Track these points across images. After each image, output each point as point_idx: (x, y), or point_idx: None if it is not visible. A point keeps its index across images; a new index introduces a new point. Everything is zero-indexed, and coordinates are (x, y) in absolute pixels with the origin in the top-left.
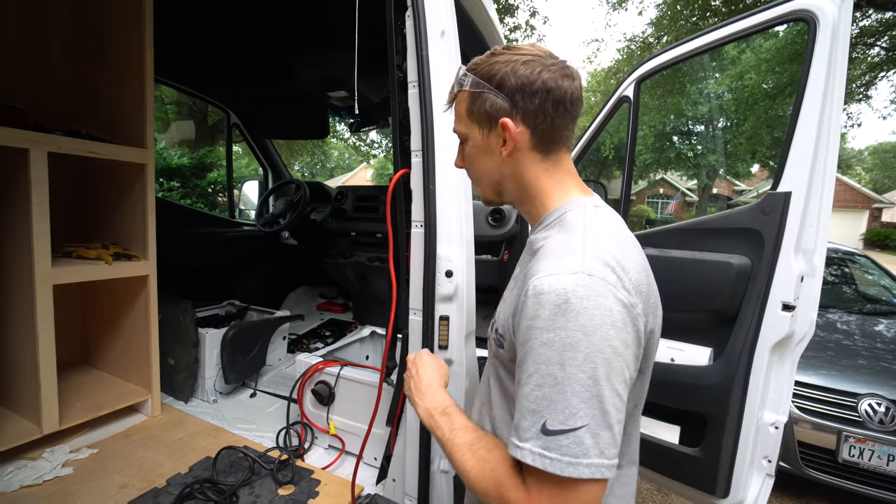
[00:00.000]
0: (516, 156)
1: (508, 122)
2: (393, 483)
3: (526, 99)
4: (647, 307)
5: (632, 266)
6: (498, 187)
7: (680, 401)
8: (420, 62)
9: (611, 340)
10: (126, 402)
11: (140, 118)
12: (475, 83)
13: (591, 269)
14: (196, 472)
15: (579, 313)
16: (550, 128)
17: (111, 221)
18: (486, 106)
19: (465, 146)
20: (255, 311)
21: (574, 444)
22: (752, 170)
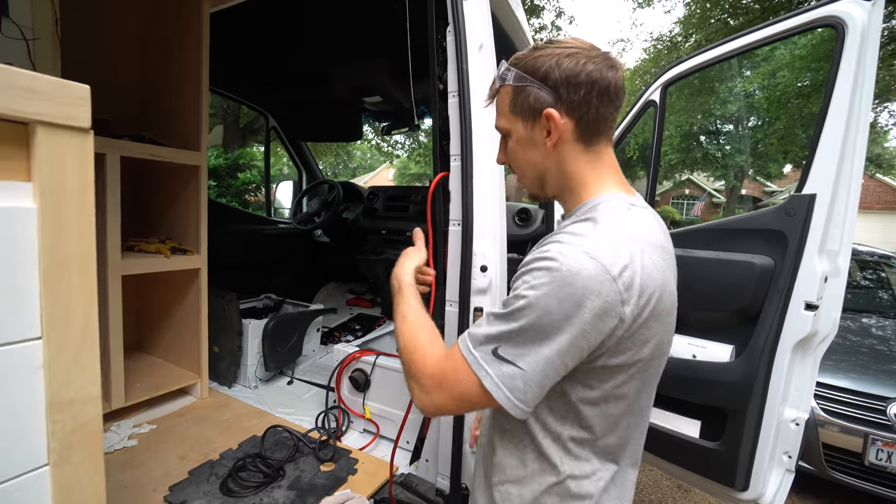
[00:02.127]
0: (560, 147)
1: (554, 113)
2: (426, 463)
3: (571, 90)
4: (644, 314)
5: (646, 270)
6: (541, 180)
7: (701, 396)
8: (460, 74)
9: (581, 322)
10: (179, 384)
11: (196, 125)
12: (518, 77)
13: (596, 254)
14: (245, 448)
15: (564, 282)
16: (595, 119)
17: (167, 218)
18: (531, 99)
19: (508, 141)
20: (290, 304)
21: (507, 374)
22: (785, 170)
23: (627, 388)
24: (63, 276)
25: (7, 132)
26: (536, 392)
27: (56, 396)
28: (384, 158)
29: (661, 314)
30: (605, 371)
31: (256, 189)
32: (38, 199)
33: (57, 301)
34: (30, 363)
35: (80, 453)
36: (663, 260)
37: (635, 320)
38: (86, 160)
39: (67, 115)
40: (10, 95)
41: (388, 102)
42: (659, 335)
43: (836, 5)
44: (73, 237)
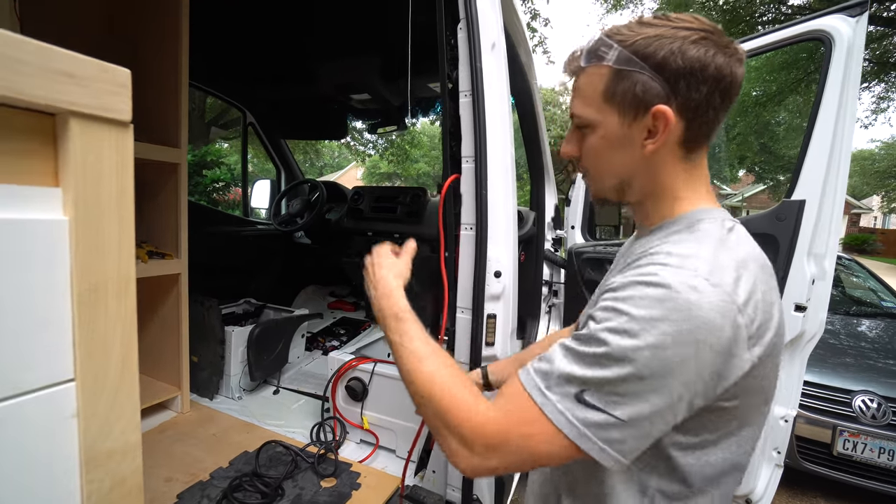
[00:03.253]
0: (659, 151)
1: (667, 111)
2: (433, 475)
3: (692, 86)
4: (768, 352)
5: (766, 299)
6: (623, 186)
7: None
8: (474, 73)
9: (701, 362)
10: (157, 398)
11: (174, 118)
12: (625, 58)
13: (718, 279)
14: (237, 466)
15: (682, 315)
16: (709, 122)
17: (143, 220)
18: (637, 89)
19: (589, 134)
20: (271, 309)
21: (599, 425)
22: (739, 174)
23: (730, 433)
24: (99, 303)
25: (30, 125)
26: (637, 444)
27: (92, 449)
28: (353, 157)
29: (779, 351)
30: (713, 414)
31: (225, 188)
32: (69, 208)
33: (93, 335)
34: (62, 411)
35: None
36: (773, 281)
37: (760, 360)
38: (126, 160)
39: (106, 105)
40: (45, 80)
41: (377, 100)
42: (773, 373)
43: (823, 20)
44: (112, 256)
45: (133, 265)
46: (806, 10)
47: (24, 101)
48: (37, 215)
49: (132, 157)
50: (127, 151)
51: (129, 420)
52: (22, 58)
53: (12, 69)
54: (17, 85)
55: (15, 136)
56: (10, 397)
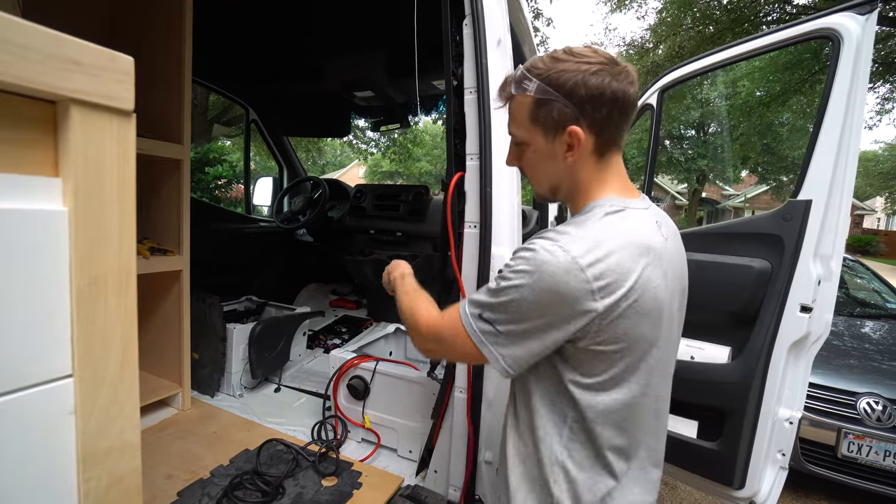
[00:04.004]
0: (578, 160)
1: (578, 130)
2: (435, 474)
3: (595, 108)
4: (621, 306)
5: (623, 266)
6: (555, 189)
7: (700, 397)
8: (479, 69)
9: (549, 301)
10: (158, 395)
11: (177, 115)
12: (541, 90)
13: (569, 248)
14: (238, 464)
15: (536, 267)
16: (613, 133)
17: (145, 216)
18: (554, 114)
19: (524, 149)
20: (273, 306)
21: (487, 332)
22: (742, 175)
23: (619, 382)
24: (99, 297)
25: (31, 113)
26: (518, 356)
27: (91, 447)
28: (355, 155)
29: (647, 311)
30: (591, 356)
31: (227, 185)
32: (69, 199)
33: (92, 329)
34: (60, 407)
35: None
36: (641, 259)
37: (610, 311)
38: (127, 151)
39: (109, 93)
40: (51, 68)
41: (380, 98)
42: (648, 332)
43: (831, 18)
44: (113, 248)
45: (134, 259)
46: (811, 9)
47: (29, 89)
48: (36, 205)
49: (134, 147)
50: (129, 142)
51: (128, 418)
52: (29, 44)
53: (18, 55)
54: (23, 71)
55: (16, 124)
56: (8, 392)
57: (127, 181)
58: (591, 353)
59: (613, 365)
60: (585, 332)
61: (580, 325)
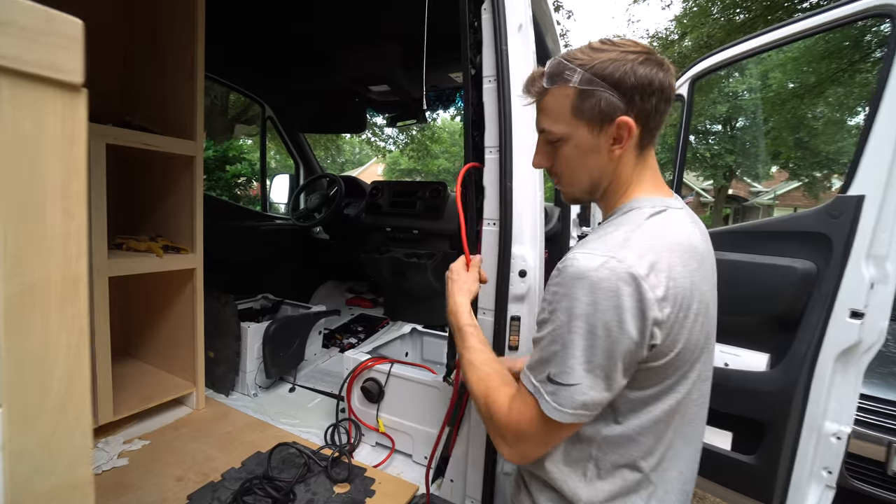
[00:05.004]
0: (623, 154)
1: (631, 122)
2: (451, 484)
3: (644, 99)
4: (678, 316)
5: (674, 272)
6: (594, 187)
7: (734, 406)
8: (499, 56)
9: (613, 322)
10: (172, 394)
11: (190, 111)
12: (587, 80)
13: (623, 257)
14: (249, 468)
15: (594, 289)
16: (657, 125)
17: (157, 214)
18: (602, 104)
19: (561, 146)
20: (288, 305)
21: (565, 395)
22: (771, 171)
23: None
24: (35, 310)
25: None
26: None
27: (25, 489)
28: (373, 153)
29: (701, 316)
30: (649, 372)
31: (247, 183)
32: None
33: (23, 351)
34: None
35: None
36: (691, 263)
37: (671, 321)
38: (76, 132)
39: (49, 62)
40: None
41: (396, 92)
42: (702, 337)
43: None
44: (56, 252)
45: (85, 264)
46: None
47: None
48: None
49: (85, 129)
50: (78, 122)
51: (77, 451)
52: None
53: None
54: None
55: None
56: None
57: (75, 170)
58: (650, 370)
59: (667, 377)
60: (652, 347)
61: (650, 341)
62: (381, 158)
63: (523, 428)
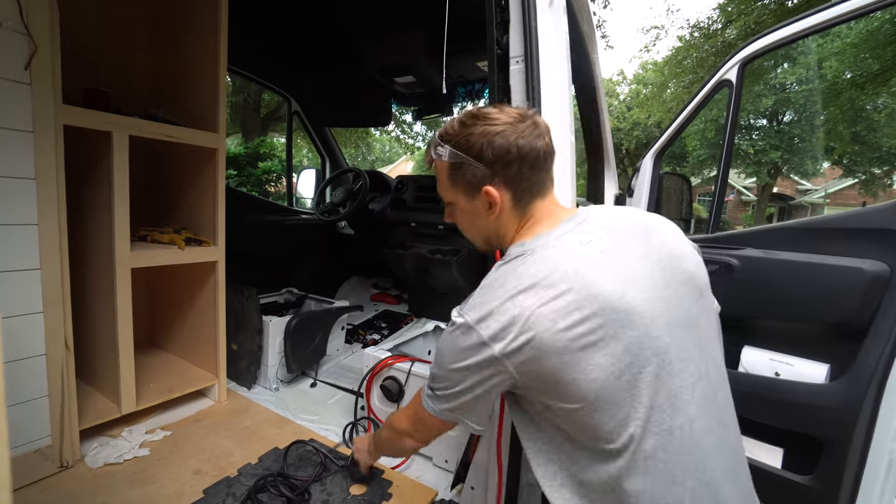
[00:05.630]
0: (501, 214)
1: (492, 190)
2: (472, 491)
3: (505, 167)
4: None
5: (505, 309)
6: (487, 241)
7: (786, 420)
8: (528, 35)
9: (457, 368)
10: (195, 386)
11: (213, 103)
12: (453, 154)
13: (470, 316)
14: (265, 464)
15: (447, 339)
16: (528, 186)
17: (181, 206)
18: (469, 176)
19: (453, 209)
20: (313, 299)
21: (432, 399)
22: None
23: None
24: None
25: None
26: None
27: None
28: (403, 151)
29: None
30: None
31: (277, 179)
32: None
33: None
34: None
35: None
36: (540, 291)
37: (510, 354)
38: None
39: None
40: None
41: (421, 83)
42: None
43: None
44: None
45: None
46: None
47: None
48: None
49: None
50: None
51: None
52: None
53: None
54: None
55: None
56: None
57: None
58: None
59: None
60: (506, 378)
61: (494, 372)
62: (411, 156)
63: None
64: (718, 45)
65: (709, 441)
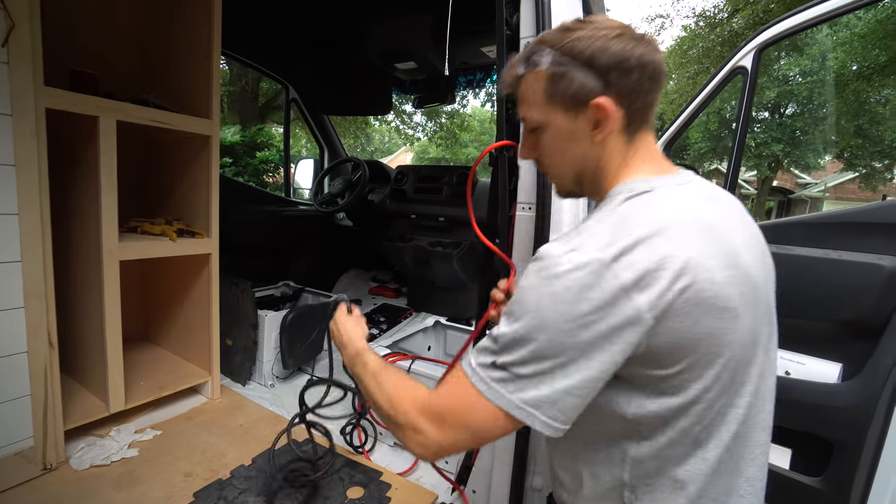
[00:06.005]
0: (607, 139)
1: (606, 102)
2: (473, 494)
3: (622, 76)
4: (652, 292)
5: (659, 251)
6: (580, 178)
7: (795, 420)
8: (539, 12)
9: (571, 318)
10: (187, 383)
11: (206, 88)
12: (556, 61)
13: (586, 247)
14: (259, 465)
15: (555, 280)
16: (643, 105)
17: (174, 197)
18: (574, 87)
19: (541, 135)
20: (309, 293)
21: (503, 384)
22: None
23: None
24: None
25: None
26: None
27: None
28: (402, 142)
29: (706, 302)
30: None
31: (275, 169)
32: None
33: None
34: None
35: None
36: (691, 237)
37: (655, 307)
38: None
39: None
40: None
41: (423, 69)
42: (714, 329)
43: None
44: None
45: None
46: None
47: None
48: None
49: None
50: None
51: None
52: None
53: None
54: None
55: None
56: None
57: None
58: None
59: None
60: (635, 347)
61: (628, 339)
62: (410, 147)
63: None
64: (725, 34)
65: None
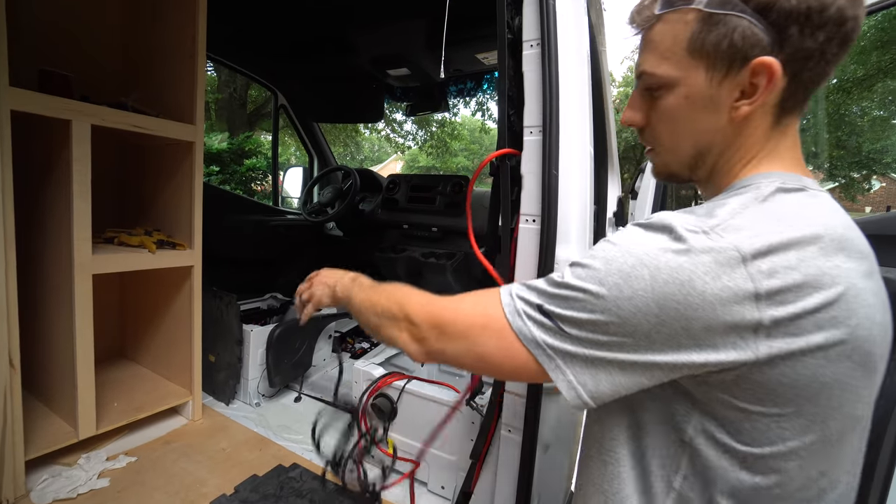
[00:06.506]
0: (752, 115)
1: (774, 65)
2: None
3: (805, 33)
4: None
5: (813, 266)
6: (701, 158)
7: None
8: (544, 13)
9: (666, 305)
10: (166, 404)
11: (190, 92)
12: (717, 1)
13: (727, 224)
14: (242, 495)
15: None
16: (815, 78)
17: (155, 206)
18: (735, 37)
19: (663, 95)
20: None
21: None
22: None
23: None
24: None
25: None
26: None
27: None
28: (392, 150)
29: (858, 347)
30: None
31: (263, 177)
32: None
33: None
34: None
35: None
36: (853, 261)
37: (781, 330)
38: None
39: None
40: None
41: (416, 76)
42: (854, 382)
43: None
44: None
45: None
46: None
47: None
48: None
49: None
50: None
51: None
52: None
53: None
54: None
55: None
56: None
57: None
58: (744, 412)
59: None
60: (737, 366)
61: (728, 353)
62: (401, 155)
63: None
64: None
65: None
